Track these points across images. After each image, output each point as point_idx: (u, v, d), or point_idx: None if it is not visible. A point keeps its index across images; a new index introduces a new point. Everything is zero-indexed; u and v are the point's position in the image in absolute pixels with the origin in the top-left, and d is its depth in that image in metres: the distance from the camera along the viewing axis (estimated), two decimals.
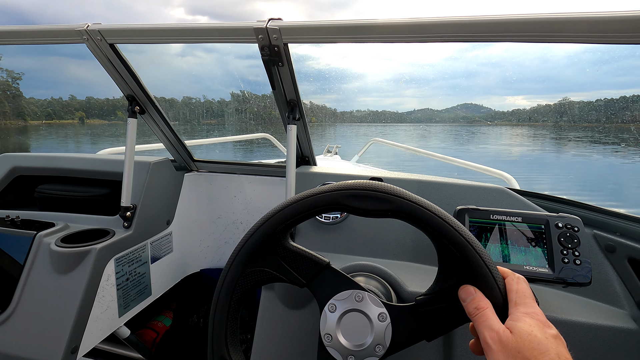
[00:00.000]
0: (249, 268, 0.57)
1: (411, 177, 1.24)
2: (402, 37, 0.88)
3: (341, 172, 1.31)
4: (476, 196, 1.12)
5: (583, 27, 0.73)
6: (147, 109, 1.30)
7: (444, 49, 64.44)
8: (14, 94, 65.40)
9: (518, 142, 30.66)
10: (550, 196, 1.15)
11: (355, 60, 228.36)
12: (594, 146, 26.22)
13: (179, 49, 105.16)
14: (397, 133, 46.18)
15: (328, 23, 0.91)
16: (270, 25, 0.93)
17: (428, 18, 0.84)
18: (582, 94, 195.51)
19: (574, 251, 0.79)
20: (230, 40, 1.02)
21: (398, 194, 0.53)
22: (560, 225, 0.82)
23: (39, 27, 1.11)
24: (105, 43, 1.09)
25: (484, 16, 0.81)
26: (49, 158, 1.48)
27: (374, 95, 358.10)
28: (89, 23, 1.07)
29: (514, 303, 0.47)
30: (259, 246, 0.57)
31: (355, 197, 0.53)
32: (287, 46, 1.00)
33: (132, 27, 1.05)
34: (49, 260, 1.10)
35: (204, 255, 1.75)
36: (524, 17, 0.77)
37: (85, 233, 1.20)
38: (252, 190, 1.66)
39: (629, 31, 0.70)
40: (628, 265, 0.89)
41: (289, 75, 1.08)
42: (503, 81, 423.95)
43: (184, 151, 1.54)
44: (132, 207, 1.26)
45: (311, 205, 0.55)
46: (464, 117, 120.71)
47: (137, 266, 1.29)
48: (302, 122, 1.26)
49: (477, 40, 0.85)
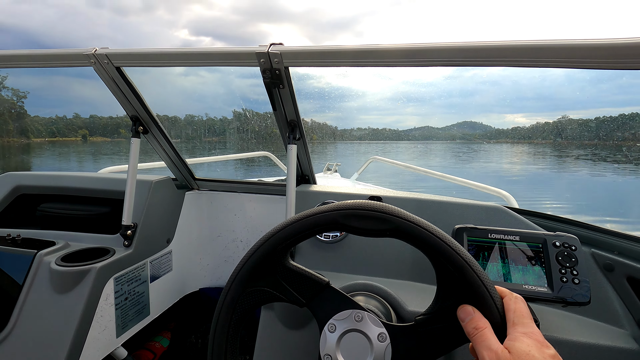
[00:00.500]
0: (249, 287, 0.57)
1: (410, 195, 1.25)
2: (400, 62, 0.91)
3: (341, 191, 1.32)
4: (474, 215, 1.12)
5: (567, 53, 0.76)
6: (150, 129, 1.33)
7: (443, 68, 66.87)
8: (18, 112, 66.28)
9: (524, 160, 30.55)
10: (548, 215, 1.15)
11: (356, 79, 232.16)
12: (601, 164, 26.13)
13: (182, 69, 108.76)
14: (397, 151, 46.41)
15: (327, 48, 0.94)
16: (272, 50, 0.97)
17: (424, 44, 0.87)
18: (581, 112, 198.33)
19: (572, 270, 0.79)
20: (233, 63, 1.05)
21: (397, 214, 0.53)
22: (558, 244, 0.82)
23: (49, 52, 1.15)
24: (112, 66, 1.12)
25: (479, 42, 0.84)
26: (52, 177, 1.49)
27: (374, 114, 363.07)
28: (97, 47, 1.11)
29: (512, 323, 0.47)
30: (260, 265, 0.57)
31: (354, 216, 0.54)
32: (288, 69, 1.04)
33: (138, 52, 1.08)
34: (49, 279, 1.10)
35: (204, 274, 1.74)
36: (516, 43, 0.80)
37: (86, 252, 1.20)
38: (253, 209, 1.67)
39: (610, 57, 0.72)
40: (627, 284, 0.89)
41: (289, 97, 1.11)
42: (502, 99, 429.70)
43: (186, 170, 1.56)
44: (133, 225, 1.27)
45: (311, 224, 0.56)
46: (464, 134, 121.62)
47: (136, 285, 1.28)
48: (302, 142, 1.29)
49: (473, 65, 0.87)
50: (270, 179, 2.49)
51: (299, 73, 1.08)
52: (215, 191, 1.67)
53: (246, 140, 32.52)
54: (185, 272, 1.61)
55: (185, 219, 1.56)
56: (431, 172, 2.94)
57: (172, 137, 1.40)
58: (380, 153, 38.51)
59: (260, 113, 16.77)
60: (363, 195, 1.27)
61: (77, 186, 1.45)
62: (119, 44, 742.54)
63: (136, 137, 1.27)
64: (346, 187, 1.41)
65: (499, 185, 2.14)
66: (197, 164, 2.72)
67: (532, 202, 7.41)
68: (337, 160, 4.03)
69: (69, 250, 1.19)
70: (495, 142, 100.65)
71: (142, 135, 1.31)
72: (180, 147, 1.45)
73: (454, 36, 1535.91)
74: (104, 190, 1.42)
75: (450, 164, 25.78)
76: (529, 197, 8.35)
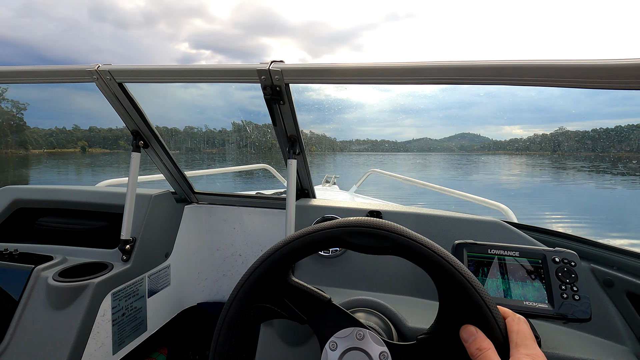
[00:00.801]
0: (250, 304, 0.57)
1: (409, 210, 1.25)
2: (397, 79, 0.93)
3: (340, 205, 1.32)
4: (473, 229, 1.13)
5: (558, 73, 0.78)
6: (150, 143, 1.33)
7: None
8: (17, 124, 66.46)
9: (529, 172, 30.26)
10: (547, 230, 1.16)
11: (354, 91, 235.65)
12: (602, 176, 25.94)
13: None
14: (396, 162, 46.46)
15: (326, 66, 0.96)
16: (272, 67, 0.98)
17: (421, 62, 0.89)
18: (578, 124, 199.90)
19: (572, 286, 0.79)
20: (234, 80, 1.07)
21: (399, 232, 0.53)
22: (557, 260, 0.82)
23: (52, 68, 1.16)
24: (114, 82, 1.13)
25: (473, 61, 0.85)
26: (50, 190, 1.49)
27: (373, 125, 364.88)
28: (100, 64, 1.12)
29: (515, 344, 0.47)
30: (262, 282, 0.57)
31: (357, 234, 0.54)
32: (288, 86, 1.05)
33: (140, 68, 1.10)
34: (45, 295, 1.09)
35: (202, 289, 1.72)
36: (510, 62, 0.81)
37: (84, 266, 1.19)
38: (252, 222, 1.67)
39: (604, 77, 0.74)
40: (627, 300, 0.89)
41: (289, 113, 1.13)
42: (499, 111, 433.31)
43: (185, 183, 1.56)
44: (132, 240, 1.27)
45: (313, 241, 0.56)
46: (462, 146, 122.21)
47: (133, 300, 1.27)
48: (302, 157, 1.29)
49: (469, 83, 0.89)
50: (269, 192, 2.48)
51: (298, 86, 1.10)
52: (214, 204, 1.67)
53: (245, 152, 32.64)
54: (183, 287, 1.59)
55: (184, 233, 1.56)
56: (430, 185, 2.95)
57: (171, 149, 1.40)
58: (379, 165, 38.55)
59: (260, 125, 16.90)
60: (362, 210, 1.27)
61: (75, 200, 1.45)
62: (119, 56, 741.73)
63: (137, 152, 1.28)
64: (345, 202, 1.41)
65: (502, 199, 2.14)
66: (197, 176, 2.72)
67: (541, 220, 7.31)
68: (336, 172, 4.03)
69: (67, 265, 1.19)
70: (494, 153, 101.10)
71: (142, 149, 1.32)
72: (179, 158, 1.46)
73: (451, 51, 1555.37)
74: (103, 204, 1.42)
75: (452, 176, 25.55)
76: (537, 214, 8.26)
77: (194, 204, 1.65)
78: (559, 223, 7.30)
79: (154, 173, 2.13)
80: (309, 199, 1.43)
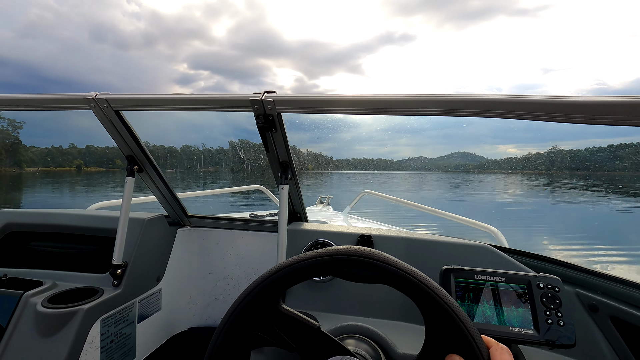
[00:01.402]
0: (241, 332, 0.57)
1: (399, 234, 1.27)
2: (385, 110, 0.97)
3: (332, 230, 1.33)
4: (462, 254, 1.14)
5: (534, 107, 0.81)
6: (144, 168, 1.35)
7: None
8: (12, 143, 66.20)
9: (526, 192, 29.79)
10: (533, 254, 1.18)
11: (356, 115, 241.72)
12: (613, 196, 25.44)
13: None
14: (392, 181, 46.48)
15: (317, 97, 1.00)
16: (265, 97, 1.02)
17: (406, 95, 0.93)
18: (571, 143, 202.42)
19: (556, 312, 0.80)
20: (228, 109, 1.10)
21: (386, 261, 0.55)
22: (542, 286, 0.84)
23: (50, 96, 1.19)
24: (111, 110, 1.16)
25: (463, 95, 0.89)
26: (42, 214, 1.49)
27: (369, 144, 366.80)
28: (97, 92, 1.15)
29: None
30: (252, 310, 0.57)
31: (345, 262, 0.55)
32: (280, 115, 1.09)
33: (136, 97, 1.13)
34: (34, 322, 1.08)
35: (193, 313, 1.71)
36: (501, 97, 0.85)
37: (74, 292, 1.18)
38: (245, 246, 1.67)
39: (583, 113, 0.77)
40: (612, 324, 0.90)
41: (282, 140, 1.16)
42: (493, 130, 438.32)
43: (178, 207, 1.57)
44: (123, 264, 1.26)
45: (302, 270, 0.57)
46: (458, 165, 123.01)
47: (123, 326, 1.26)
48: (294, 182, 1.32)
49: (461, 115, 0.92)
50: (264, 212, 2.49)
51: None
52: (207, 228, 1.68)
53: (242, 171, 32.62)
54: (174, 311, 1.58)
55: (176, 257, 1.56)
56: (422, 206, 2.97)
57: (168, 167, 1.41)
58: (375, 184, 38.47)
59: (257, 144, 16.84)
60: (353, 235, 1.29)
61: (67, 224, 1.45)
62: (118, 77, 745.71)
63: (131, 176, 1.30)
64: (337, 226, 1.43)
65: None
66: (192, 197, 2.72)
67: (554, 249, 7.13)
68: (331, 192, 4.05)
69: (57, 290, 1.18)
70: (490, 172, 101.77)
71: (136, 173, 1.33)
72: (176, 177, 1.47)
73: (446, 77, 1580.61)
74: (95, 228, 1.42)
75: (452, 196, 25.24)
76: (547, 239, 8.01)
77: (187, 227, 1.66)
78: (574, 253, 7.07)
79: (147, 194, 2.13)
80: (301, 223, 1.44)
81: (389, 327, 1.00)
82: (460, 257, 1.14)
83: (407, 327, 1.03)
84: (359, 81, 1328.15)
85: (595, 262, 6.18)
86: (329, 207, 3.79)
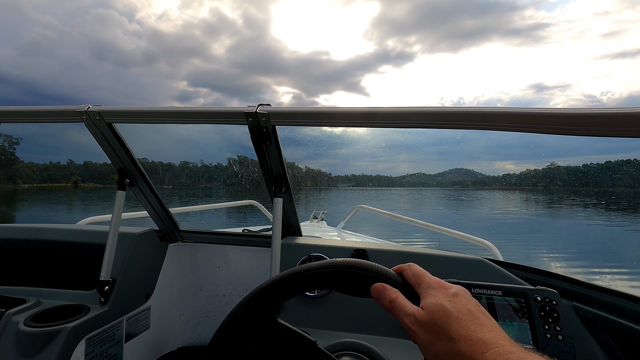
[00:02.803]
0: (233, 347, 0.55)
1: (394, 248, 1.25)
2: (377, 123, 0.97)
3: (326, 244, 1.31)
4: (457, 268, 1.13)
5: (526, 119, 0.80)
6: (136, 181, 1.33)
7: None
8: (8, 158, 66.19)
9: (529, 208, 28.99)
10: (529, 267, 1.17)
11: (349, 127, 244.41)
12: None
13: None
14: (391, 198, 46.35)
15: (310, 110, 1.00)
16: (259, 110, 1.02)
17: (395, 107, 0.93)
18: (568, 159, 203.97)
19: (555, 326, 0.79)
20: (222, 122, 1.09)
21: (381, 273, 0.52)
22: (539, 299, 0.82)
23: (42, 108, 1.18)
24: (103, 122, 1.15)
25: (457, 108, 0.89)
26: (29, 229, 1.45)
27: (366, 160, 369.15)
28: (90, 105, 1.14)
29: (417, 285, 0.49)
30: (244, 324, 0.55)
31: (341, 274, 0.53)
32: (274, 128, 1.08)
33: (129, 109, 1.12)
34: (15, 341, 1.03)
35: (183, 331, 1.65)
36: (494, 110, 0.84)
37: (58, 310, 1.14)
38: (237, 261, 1.64)
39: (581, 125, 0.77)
40: (610, 338, 0.89)
41: (276, 153, 1.15)
42: (491, 147, 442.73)
43: (170, 222, 1.54)
44: (111, 280, 1.23)
45: (297, 282, 0.54)
46: (456, 181, 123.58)
47: (109, 346, 1.21)
48: (288, 195, 1.30)
49: (455, 128, 0.91)
50: (257, 228, 2.46)
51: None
52: (199, 243, 1.64)
53: (240, 187, 32.63)
54: (163, 330, 1.53)
55: (167, 273, 1.52)
56: (416, 221, 2.96)
57: (166, 183, 1.40)
58: (374, 201, 38.41)
59: (255, 160, 16.89)
60: (347, 249, 1.27)
61: (55, 239, 1.41)
62: (119, 94, 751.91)
63: (122, 190, 1.28)
64: (331, 240, 1.41)
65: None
66: (185, 212, 2.69)
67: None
68: (330, 207, 4.04)
69: (40, 308, 1.14)
70: (489, 188, 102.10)
71: (127, 187, 1.31)
72: (173, 193, 1.45)
73: (443, 91, 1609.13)
74: (83, 244, 1.39)
75: (452, 213, 24.86)
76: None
77: (178, 242, 1.62)
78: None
79: (139, 209, 2.10)
80: (295, 237, 1.42)
81: (385, 343, 0.97)
82: (456, 270, 1.13)
83: (403, 343, 1.01)
84: (358, 99, 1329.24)
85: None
86: (323, 223, 3.77)
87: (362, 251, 1.24)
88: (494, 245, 2.00)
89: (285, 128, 1.12)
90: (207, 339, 1.65)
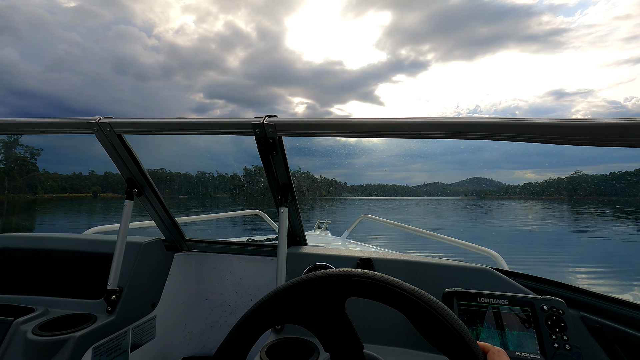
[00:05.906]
0: (241, 357, 0.53)
1: (400, 257, 1.23)
2: (385, 133, 0.96)
3: (332, 253, 1.30)
4: (463, 277, 1.11)
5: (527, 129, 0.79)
6: (144, 191, 1.35)
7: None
8: (28, 169, 68.48)
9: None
10: (535, 277, 1.14)
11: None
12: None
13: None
14: (407, 210, 45.29)
15: (315, 120, 1.00)
16: (266, 121, 1.03)
17: (401, 118, 0.92)
18: (593, 167, 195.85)
19: (562, 335, 0.77)
20: (230, 132, 1.10)
21: (393, 284, 0.52)
22: (546, 308, 0.81)
23: (55, 120, 1.22)
24: (113, 133, 1.18)
25: (466, 118, 0.88)
26: (38, 239, 1.48)
27: (382, 170, 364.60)
28: (100, 116, 1.17)
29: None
30: (251, 333, 0.54)
31: (352, 282, 0.53)
32: (281, 139, 1.09)
33: (139, 121, 1.14)
34: (23, 350, 1.05)
35: (187, 341, 1.64)
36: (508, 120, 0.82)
37: (66, 319, 1.16)
38: (242, 270, 1.63)
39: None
40: (618, 348, 0.86)
41: (282, 163, 1.15)
42: (509, 155, 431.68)
43: (176, 231, 1.55)
44: (118, 290, 1.24)
45: (302, 291, 0.54)
46: (475, 190, 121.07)
47: (115, 356, 1.21)
48: (294, 204, 1.29)
49: (459, 138, 0.90)
50: (262, 237, 2.46)
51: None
52: (204, 252, 1.65)
53: (254, 196, 32.96)
54: (168, 340, 1.52)
55: (173, 282, 1.52)
56: (421, 231, 2.91)
57: (182, 194, 1.41)
58: (390, 211, 37.82)
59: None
60: (353, 258, 1.25)
61: (63, 249, 1.43)
62: (138, 106, 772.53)
63: (130, 200, 1.30)
64: (337, 249, 1.39)
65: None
66: (190, 223, 2.71)
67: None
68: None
69: (48, 317, 1.15)
70: (510, 197, 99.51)
71: (135, 197, 1.33)
72: (190, 203, 1.46)
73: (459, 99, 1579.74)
74: (90, 253, 1.41)
75: (474, 223, 23.54)
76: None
77: (184, 251, 1.63)
78: None
79: (146, 219, 2.12)
80: (300, 246, 1.41)
81: (392, 353, 0.97)
82: (462, 280, 1.10)
83: (411, 353, 0.99)
84: (372, 109, 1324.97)
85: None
86: (327, 232, 3.76)
87: (368, 260, 1.22)
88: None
89: (300, 139, 1.12)
90: (212, 349, 1.64)
